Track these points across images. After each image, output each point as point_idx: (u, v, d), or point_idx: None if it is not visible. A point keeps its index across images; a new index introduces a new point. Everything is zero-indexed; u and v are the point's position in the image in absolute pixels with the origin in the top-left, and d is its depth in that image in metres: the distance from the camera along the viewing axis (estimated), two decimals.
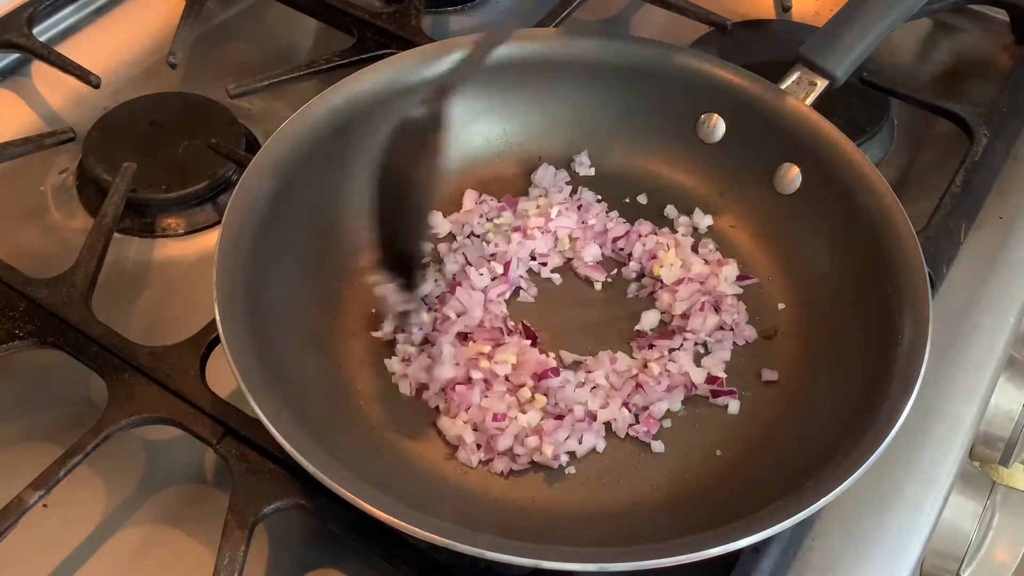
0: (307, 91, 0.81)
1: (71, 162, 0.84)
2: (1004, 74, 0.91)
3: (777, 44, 0.94)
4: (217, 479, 0.66)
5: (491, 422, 0.65)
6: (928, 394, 0.69)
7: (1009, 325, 0.76)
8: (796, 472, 0.59)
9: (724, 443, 0.67)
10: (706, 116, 0.79)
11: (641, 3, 1.00)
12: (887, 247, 0.68)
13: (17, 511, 0.59)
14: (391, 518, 0.54)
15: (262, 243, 0.67)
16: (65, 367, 0.68)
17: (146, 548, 0.63)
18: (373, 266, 0.69)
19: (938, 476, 0.68)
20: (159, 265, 0.78)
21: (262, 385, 0.59)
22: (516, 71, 0.79)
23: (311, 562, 0.63)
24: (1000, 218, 0.82)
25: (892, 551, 0.64)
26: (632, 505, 0.64)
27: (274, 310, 0.66)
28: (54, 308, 0.68)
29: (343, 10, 0.92)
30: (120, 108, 0.85)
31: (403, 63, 0.77)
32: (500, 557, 0.53)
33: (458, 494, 0.64)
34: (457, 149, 0.79)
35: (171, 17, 0.93)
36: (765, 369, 0.70)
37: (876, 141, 0.88)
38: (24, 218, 0.81)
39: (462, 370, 0.67)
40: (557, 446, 0.65)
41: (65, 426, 0.67)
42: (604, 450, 0.66)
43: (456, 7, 1.01)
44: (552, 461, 0.64)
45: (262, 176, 0.69)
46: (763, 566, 0.59)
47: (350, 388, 0.68)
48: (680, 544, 0.55)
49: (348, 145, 0.74)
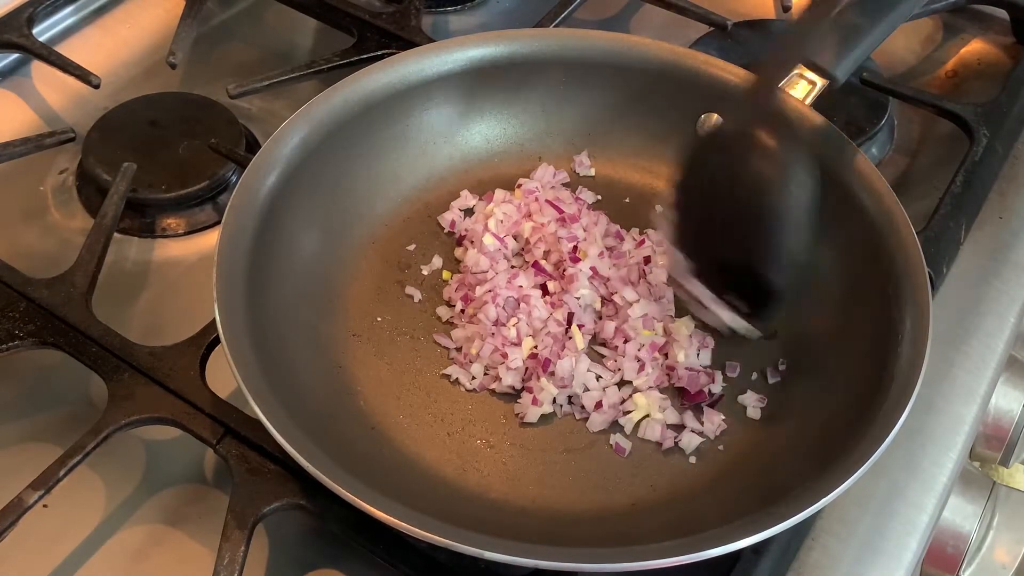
0: (307, 91, 0.81)
1: (71, 162, 0.84)
2: (1004, 74, 0.91)
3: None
4: (217, 479, 0.66)
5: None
6: (928, 394, 0.69)
7: (1009, 325, 0.76)
8: (796, 472, 0.59)
9: (724, 443, 0.67)
10: (706, 116, 0.78)
11: (641, 3, 1.00)
12: (887, 247, 0.68)
13: (17, 511, 0.59)
14: (391, 518, 0.54)
15: (262, 243, 0.67)
16: (65, 367, 0.68)
17: (146, 548, 0.63)
18: (708, 277, 0.65)
19: (938, 476, 0.68)
20: (159, 265, 0.78)
21: (262, 385, 0.59)
22: (516, 71, 0.79)
23: (311, 562, 0.63)
24: (1000, 218, 0.82)
25: (892, 551, 0.64)
26: (632, 505, 0.64)
27: (274, 310, 0.66)
28: (54, 308, 0.68)
29: (343, 10, 0.92)
30: (120, 108, 0.85)
31: (403, 63, 0.77)
32: (500, 557, 0.53)
33: (458, 494, 0.64)
34: (456, 149, 0.80)
35: (171, 17, 0.93)
36: (765, 369, 0.70)
37: (876, 141, 0.88)
38: (24, 218, 0.81)
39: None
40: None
41: (65, 426, 0.67)
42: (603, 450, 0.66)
43: (456, 7, 1.01)
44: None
45: (262, 176, 0.69)
46: (763, 566, 0.59)
47: (350, 388, 0.68)
48: (680, 544, 0.55)
49: (348, 145, 0.74)
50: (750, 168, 0.63)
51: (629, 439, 0.67)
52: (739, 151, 0.64)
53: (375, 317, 0.72)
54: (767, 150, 0.63)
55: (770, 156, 0.63)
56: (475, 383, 0.69)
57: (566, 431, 0.67)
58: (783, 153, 0.63)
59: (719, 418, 0.67)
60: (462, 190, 0.78)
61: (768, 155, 0.63)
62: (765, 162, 0.63)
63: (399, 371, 0.69)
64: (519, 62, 0.79)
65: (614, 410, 0.68)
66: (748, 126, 0.64)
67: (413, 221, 0.77)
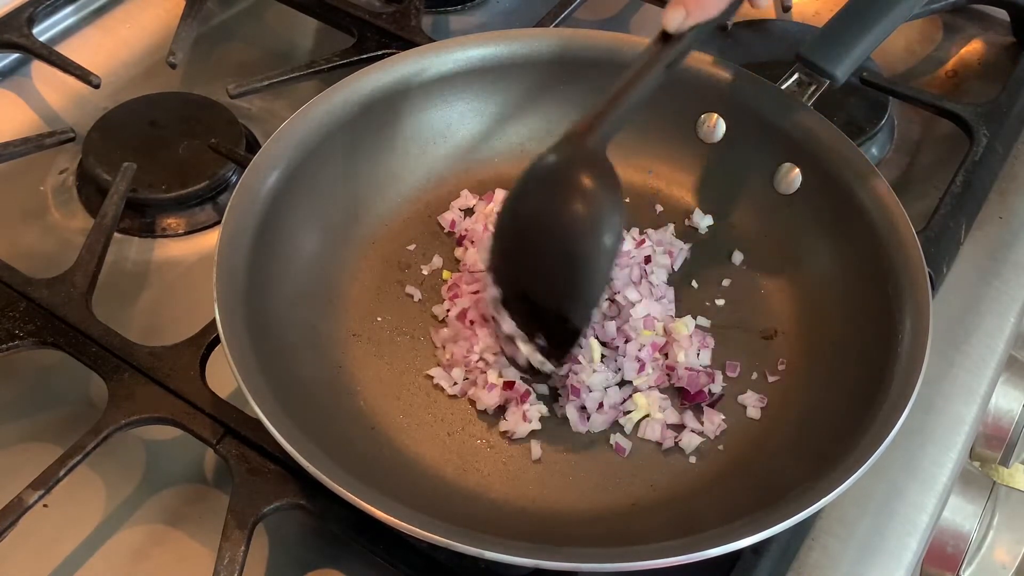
0: (307, 91, 0.81)
1: (71, 162, 0.84)
2: (1004, 74, 0.91)
3: (777, 44, 0.94)
4: (217, 479, 0.66)
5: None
6: (928, 394, 0.69)
7: (1009, 325, 0.76)
8: (796, 472, 0.60)
9: (724, 443, 0.67)
10: (706, 116, 0.79)
11: (641, 3, 1.00)
12: (887, 247, 0.68)
13: (17, 511, 0.59)
14: (391, 518, 0.54)
15: (262, 243, 0.67)
16: (65, 367, 0.68)
17: (146, 548, 0.63)
18: (507, 307, 0.65)
19: (938, 476, 0.68)
20: (159, 265, 0.78)
21: (262, 385, 0.59)
22: (516, 71, 0.79)
23: (311, 562, 0.63)
24: (1000, 218, 0.82)
25: (892, 551, 0.64)
26: (632, 505, 0.64)
27: (274, 310, 0.66)
28: (54, 308, 0.68)
29: (343, 10, 0.92)
30: (120, 108, 0.85)
31: (403, 63, 0.77)
32: (500, 557, 0.53)
33: (458, 494, 0.64)
34: (456, 149, 0.80)
35: (171, 17, 0.93)
36: (765, 369, 0.70)
37: (876, 141, 0.88)
38: (24, 218, 0.81)
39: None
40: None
41: (65, 426, 0.67)
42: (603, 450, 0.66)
43: (456, 7, 1.01)
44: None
45: (262, 176, 0.69)
46: (763, 566, 0.59)
47: (350, 388, 0.68)
48: (680, 544, 0.55)
49: (348, 145, 0.74)
50: (567, 208, 0.63)
51: (629, 439, 0.67)
52: (560, 188, 0.64)
53: (375, 317, 0.72)
54: (586, 193, 0.63)
55: (587, 199, 0.63)
56: (456, 388, 0.68)
57: (566, 431, 0.67)
58: (600, 198, 0.63)
59: (719, 418, 0.67)
60: (462, 190, 0.78)
61: (586, 198, 0.63)
62: (582, 205, 0.63)
63: (399, 371, 0.69)
64: (519, 62, 0.79)
65: (614, 410, 0.68)
66: (572, 164, 0.64)
67: (413, 221, 0.77)
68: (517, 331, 0.65)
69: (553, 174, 0.64)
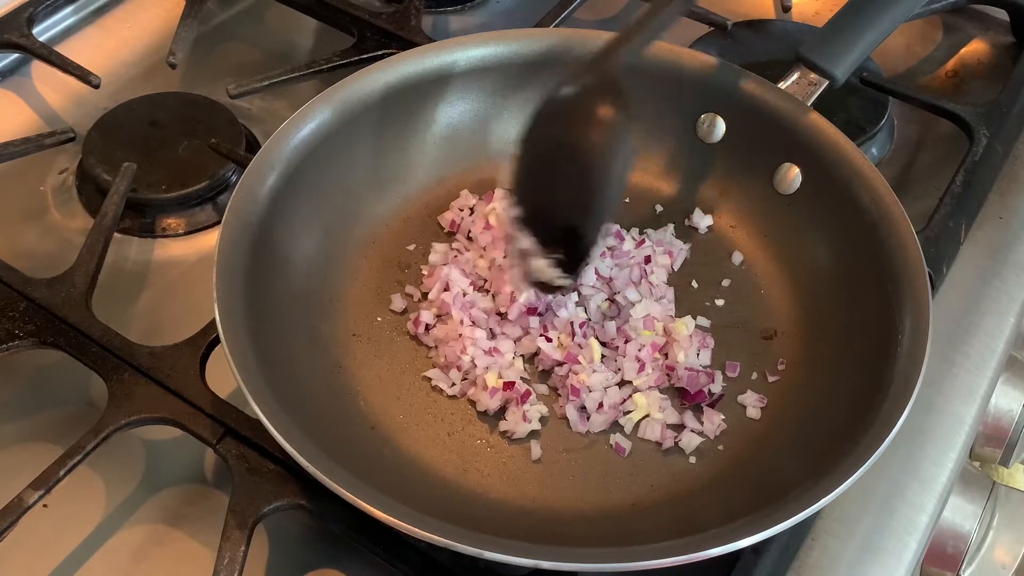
0: (307, 91, 0.81)
1: (71, 162, 0.84)
2: (1004, 74, 0.91)
3: (777, 44, 0.94)
4: (217, 479, 0.66)
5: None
6: (928, 394, 0.69)
7: (1009, 325, 0.76)
8: (796, 472, 0.59)
9: (724, 443, 0.67)
10: (706, 116, 0.79)
11: (641, 3, 1.00)
12: (887, 247, 0.68)
13: (17, 511, 0.59)
14: (391, 518, 0.54)
15: (262, 243, 0.67)
16: (65, 367, 0.68)
17: (146, 548, 0.63)
18: (524, 227, 0.67)
19: (938, 476, 0.68)
20: (159, 265, 0.78)
21: (262, 385, 0.59)
22: (516, 71, 0.79)
23: (311, 562, 0.63)
24: (1000, 218, 0.82)
25: (892, 551, 0.64)
26: (632, 505, 0.64)
27: (274, 310, 0.66)
28: (54, 308, 0.68)
29: (343, 10, 0.92)
30: (120, 108, 0.85)
31: (403, 63, 0.77)
32: (500, 557, 0.53)
33: (458, 494, 0.64)
34: (456, 149, 0.80)
35: (171, 17, 0.93)
36: (765, 369, 0.70)
37: (876, 141, 0.88)
38: (24, 218, 0.81)
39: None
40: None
41: (65, 426, 0.67)
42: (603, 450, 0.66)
43: (456, 7, 1.01)
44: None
45: (262, 176, 0.69)
46: (763, 566, 0.59)
47: (350, 388, 0.68)
48: (680, 544, 0.55)
49: (348, 145, 0.74)
50: (587, 138, 0.67)
51: (629, 439, 0.67)
52: (580, 119, 0.67)
53: (375, 317, 0.72)
54: (604, 122, 0.67)
55: (606, 129, 0.67)
56: (455, 389, 0.68)
57: (566, 431, 0.67)
58: (617, 127, 0.67)
59: (719, 418, 0.67)
60: (462, 190, 0.78)
61: (604, 127, 0.67)
62: (601, 134, 0.67)
63: (399, 371, 0.69)
64: (519, 62, 0.79)
65: (614, 410, 0.68)
66: (590, 94, 0.67)
67: (413, 221, 0.77)
68: (535, 247, 0.67)
69: (573, 101, 0.67)
